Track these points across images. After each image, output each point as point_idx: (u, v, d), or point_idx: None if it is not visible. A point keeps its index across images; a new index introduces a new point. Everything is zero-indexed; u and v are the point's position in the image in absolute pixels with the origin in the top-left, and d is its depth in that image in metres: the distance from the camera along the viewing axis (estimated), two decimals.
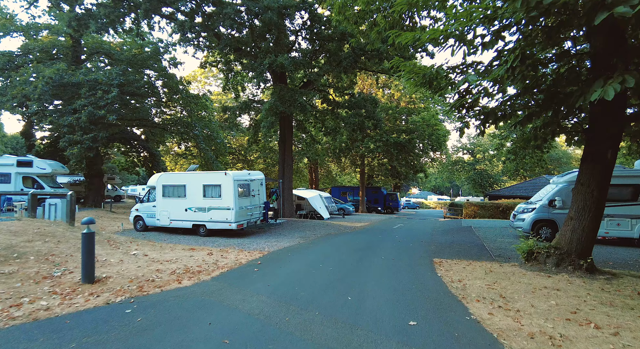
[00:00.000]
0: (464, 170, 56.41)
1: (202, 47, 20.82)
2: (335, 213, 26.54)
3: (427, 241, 13.14)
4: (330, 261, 8.66)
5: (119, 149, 33.79)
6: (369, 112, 18.18)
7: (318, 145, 28.96)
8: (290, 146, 22.37)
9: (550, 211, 12.63)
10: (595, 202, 7.29)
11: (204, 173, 15.04)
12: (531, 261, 8.09)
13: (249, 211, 14.53)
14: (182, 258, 8.54)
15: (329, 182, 49.82)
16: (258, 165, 43.11)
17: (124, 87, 21.84)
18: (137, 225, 15.76)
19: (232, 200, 13.53)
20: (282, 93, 16.66)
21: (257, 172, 16.27)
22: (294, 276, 6.92)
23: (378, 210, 36.24)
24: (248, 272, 7.25)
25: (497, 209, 27.24)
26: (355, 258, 9.13)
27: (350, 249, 10.71)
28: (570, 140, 8.08)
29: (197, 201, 14.14)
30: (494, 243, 12.36)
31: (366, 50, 17.40)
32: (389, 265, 8.21)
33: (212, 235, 13.90)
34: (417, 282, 6.60)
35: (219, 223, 13.78)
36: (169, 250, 9.87)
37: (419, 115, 33.60)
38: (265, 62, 15.77)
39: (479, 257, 9.64)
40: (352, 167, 39.86)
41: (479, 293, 5.87)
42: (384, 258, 9.12)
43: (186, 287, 5.95)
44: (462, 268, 8.06)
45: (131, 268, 7.11)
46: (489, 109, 7.53)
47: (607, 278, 7.08)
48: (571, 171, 13.31)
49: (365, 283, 6.44)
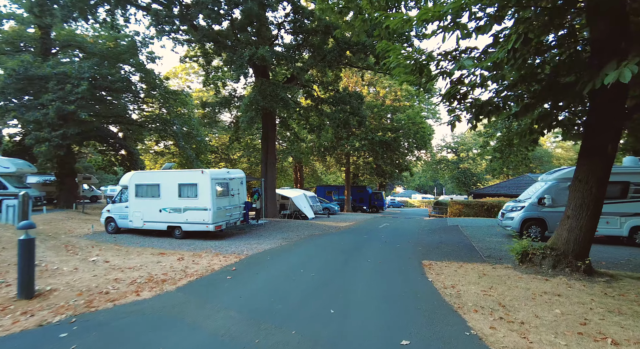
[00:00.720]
0: (448, 169, 56.76)
1: (182, 41, 19.79)
2: (320, 213, 25.91)
3: (414, 241, 12.62)
4: (312, 265, 7.98)
5: (95, 147, 32.31)
6: (354, 108, 17.56)
7: (302, 143, 28.20)
8: (274, 144, 21.59)
9: (540, 210, 12.28)
10: (593, 200, 6.84)
11: (179, 172, 14.13)
12: (526, 263, 7.60)
13: (227, 212, 13.73)
14: (148, 264, 7.70)
15: (314, 181, 49.14)
16: (241, 164, 42.05)
17: (97, 81, 20.59)
18: (108, 227, 14.75)
19: (210, 200, 12.73)
20: (264, 88, 15.86)
21: (236, 170, 15.45)
22: (271, 285, 6.20)
23: (363, 209, 35.80)
24: (220, 280, 6.49)
25: (482, 207, 27.10)
26: (339, 261, 8.48)
27: (334, 251, 10.05)
28: (567, 133, 7.62)
29: (172, 202, 13.27)
30: (483, 243, 11.92)
31: (351, 44, 16.78)
32: (375, 269, 7.59)
33: (189, 237, 13.04)
34: (407, 289, 5.98)
35: (195, 225, 12.95)
36: (135, 254, 8.99)
37: (404, 113, 33.26)
38: (245, 53, 14.93)
39: (469, 258, 9.13)
40: (337, 166, 39.32)
41: (476, 301, 5.29)
42: (370, 261, 8.50)
43: (145, 300, 5.16)
44: (453, 271, 7.50)
45: (85, 277, 6.25)
46: (483, 101, 6.98)
47: (607, 280, 6.63)
48: (559, 168, 13.01)
49: (350, 291, 5.78)
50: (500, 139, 21.39)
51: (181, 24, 17.32)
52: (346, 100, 17.54)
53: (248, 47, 15.23)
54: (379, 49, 6.44)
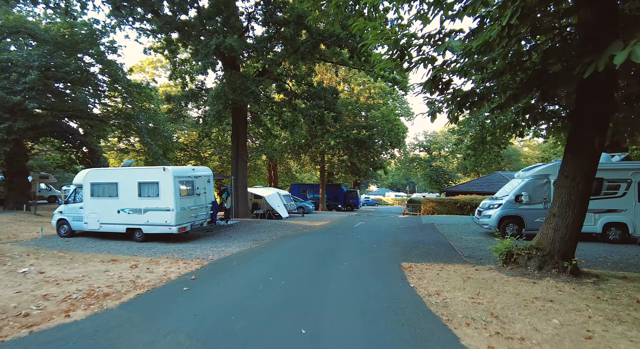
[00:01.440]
0: (421, 167, 57.42)
1: (147, 31, 18.32)
2: (295, 212, 25.14)
3: (391, 241, 12.11)
4: (283, 271, 7.21)
5: (53, 144, 29.97)
6: (329, 104, 16.86)
7: (276, 139, 27.25)
8: (245, 140, 20.55)
9: (517, 207, 12.09)
10: (580, 197, 6.48)
11: (139, 169, 12.92)
12: (510, 264, 7.18)
13: (193, 213, 12.71)
14: (92, 274, 6.65)
15: (289, 180, 48.21)
16: (212, 162, 40.48)
17: (49, 71, 18.78)
18: (60, 230, 13.39)
19: (173, 199, 11.72)
20: (233, 80, 14.84)
21: (203, 167, 14.38)
22: (233, 297, 5.38)
23: (338, 207, 35.33)
24: (174, 293, 5.59)
25: (454, 205, 27.27)
26: (313, 266, 7.75)
27: (308, 254, 9.32)
28: (551, 128, 7.25)
29: (132, 202, 12.16)
30: (461, 242, 11.58)
31: (325, 36, 16.06)
32: (352, 274, 6.92)
33: (151, 240, 12.00)
34: (388, 298, 5.34)
35: (157, 227, 11.91)
36: (81, 262, 7.87)
37: (378, 111, 33.01)
38: (212, 42, 13.88)
39: (449, 259, 8.67)
40: (312, 164, 38.60)
41: (465, 311, 4.72)
42: (346, 265, 7.83)
43: (74, 323, 4.21)
44: (435, 274, 6.96)
45: (5, 294, 5.18)
46: (466, 91, 6.45)
47: (594, 281, 6.28)
48: (535, 165, 12.90)
49: (325, 304, 5.07)
50: (473, 136, 21.39)
51: (145, 12, 16.01)
52: (321, 95, 16.82)
53: (215, 35, 14.18)
54: (355, 30, 5.74)
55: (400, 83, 20.99)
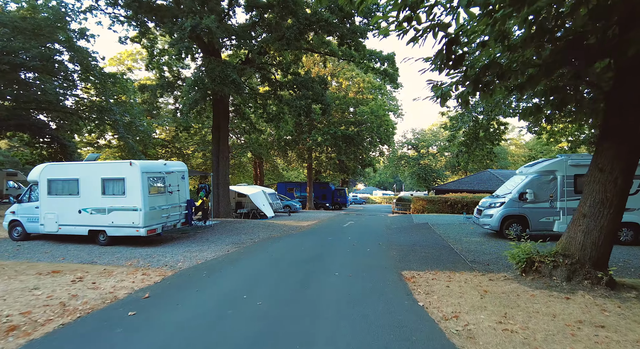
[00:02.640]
0: (409, 165, 56.85)
1: (121, 17, 16.61)
2: (281, 211, 23.84)
3: (385, 243, 10.95)
4: (261, 286, 5.92)
5: (22, 139, 27.89)
6: (317, 94, 15.56)
7: (261, 134, 25.83)
8: (226, 134, 19.07)
9: (521, 206, 11.09)
10: (618, 193, 5.40)
11: (103, 164, 11.41)
12: (530, 274, 6.06)
13: (164, 213, 11.31)
14: (13, 293, 5.22)
15: (276, 178, 46.79)
16: (195, 159, 38.71)
17: (4, 56, 16.93)
18: (13, 233, 11.89)
19: (140, 198, 10.38)
20: (211, 67, 13.40)
21: (176, 162, 12.95)
22: (191, 328, 4.08)
23: (326, 206, 34.17)
24: (113, 320, 4.25)
25: (445, 203, 26.45)
26: (298, 277, 6.49)
27: (292, 261, 8.04)
28: (579, 113, 6.16)
29: (95, 201, 10.76)
30: (461, 244, 10.52)
31: (312, 21, 14.76)
32: (346, 290, 5.68)
33: (118, 244, 10.64)
34: (394, 325, 4.12)
35: (123, 229, 10.55)
36: (9, 276, 6.39)
37: (367, 106, 31.90)
38: (187, 24, 12.42)
39: (454, 266, 7.55)
40: (299, 161, 37.24)
41: (500, 345, 3.54)
42: (337, 276, 6.59)
43: None
44: (444, 287, 5.79)
45: None
46: (487, 63, 5.27)
47: (636, 295, 5.23)
48: (540, 160, 11.92)
49: (312, 338, 3.82)
50: (467, 132, 20.53)
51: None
52: (308, 85, 15.51)
53: (190, 16, 12.73)
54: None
55: (391, 76, 19.80)
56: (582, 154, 12.19)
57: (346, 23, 16.06)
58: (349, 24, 16.17)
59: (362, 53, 17.55)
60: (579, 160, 10.74)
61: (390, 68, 19.51)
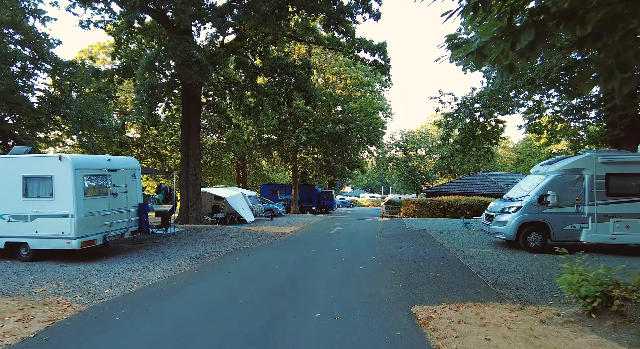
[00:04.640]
0: (397, 167, 55.50)
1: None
2: (262, 215, 21.65)
3: (380, 257, 8.94)
4: (202, 341, 3.80)
5: None
6: (300, 81, 13.48)
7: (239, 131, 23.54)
8: (198, 130, 16.78)
9: (541, 211, 9.28)
10: None
11: (24, 157, 9.01)
12: (609, 317, 4.10)
13: (106, 220, 9.09)
14: None
15: (259, 180, 44.44)
16: (173, 160, 35.98)
17: None
18: None
19: (72, 201, 8.28)
20: (172, 45, 11.18)
21: (126, 158, 10.70)
22: None
23: (312, 209, 32.09)
24: None
25: (437, 207, 24.82)
26: (256, 325, 4.36)
27: (256, 291, 5.88)
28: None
29: (14, 205, 8.63)
30: (473, 258, 8.61)
31: None
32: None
33: (44, 259, 8.47)
34: None
35: (50, 240, 8.44)
36: None
37: (355, 103, 30.00)
38: None
39: (476, 292, 5.61)
40: (283, 162, 34.99)
41: None
42: (318, 318, 4.51)
43: None
44: (483, 339, 3.79)
45: None
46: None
47: None
48: (561, 156, 10.11)
49: None
50: (462, 130, 18.87)
51: None
52: (289, 70, 13.42)
53: None
54: None
55: (382, 67, 17.86)
56: (612, 150, 10.49)
57: (333, 3, 14.09)
58: (337, 4, 14.21)
59: (351, 40, 15.60)
60: (612, 156, 8.98)
61: (382, 59, 17.62)
